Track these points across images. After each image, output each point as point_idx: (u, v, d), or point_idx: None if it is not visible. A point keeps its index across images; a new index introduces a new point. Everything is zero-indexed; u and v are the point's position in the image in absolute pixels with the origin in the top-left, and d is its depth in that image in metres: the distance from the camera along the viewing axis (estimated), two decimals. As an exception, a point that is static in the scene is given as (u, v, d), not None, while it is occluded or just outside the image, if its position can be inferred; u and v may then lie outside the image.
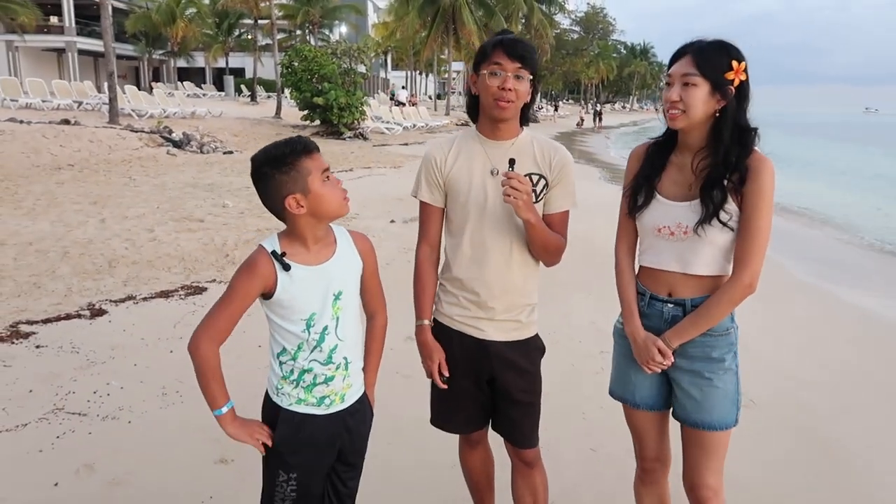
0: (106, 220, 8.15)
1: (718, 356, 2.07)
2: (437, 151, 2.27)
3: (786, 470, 3.35)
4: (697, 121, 1.98)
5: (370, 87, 46.86)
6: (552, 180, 2.19)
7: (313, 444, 1.89)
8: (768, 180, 1.96)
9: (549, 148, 2.22)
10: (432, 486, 3.07)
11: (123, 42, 40.37)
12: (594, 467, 3.29)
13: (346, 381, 1.91)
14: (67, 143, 13.97)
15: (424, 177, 2.28)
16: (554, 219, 2.22)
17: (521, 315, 2.26)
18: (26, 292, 5.44)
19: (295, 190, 1.75)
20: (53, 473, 3.05)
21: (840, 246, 10.22)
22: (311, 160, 1.76)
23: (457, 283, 2.26)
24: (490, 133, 2.21)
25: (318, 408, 1.89)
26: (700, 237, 1.99)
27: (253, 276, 1.78)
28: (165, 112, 22.05)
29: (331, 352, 1.86)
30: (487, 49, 2.11)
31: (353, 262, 1.92)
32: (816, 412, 4.04)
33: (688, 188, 2.05)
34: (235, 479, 3.06)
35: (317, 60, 21.85)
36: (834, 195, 16.11)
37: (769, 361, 4.74)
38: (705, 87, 1.94)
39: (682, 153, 2.09)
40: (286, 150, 1.75)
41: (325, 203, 1.77)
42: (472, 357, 2.26)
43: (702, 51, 1.97)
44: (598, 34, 79.63)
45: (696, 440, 2.13)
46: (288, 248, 1.82)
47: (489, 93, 2.09)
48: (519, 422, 2.33)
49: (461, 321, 2.26)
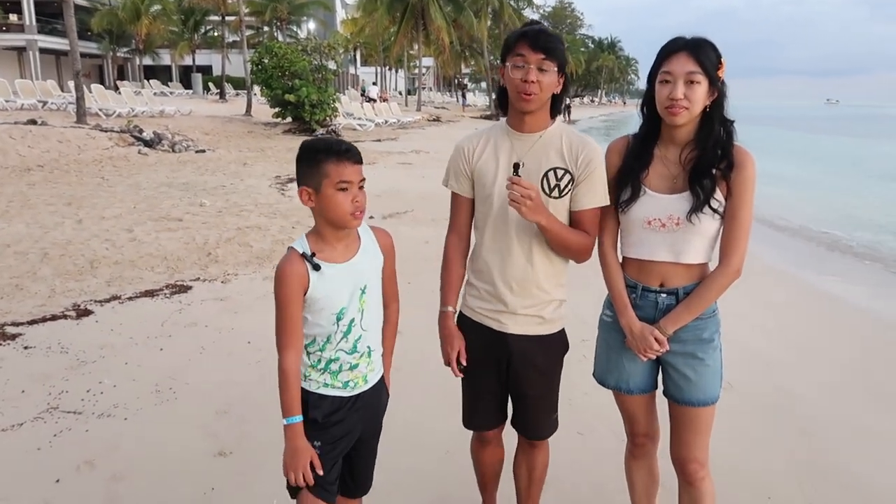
0: (83, 220, 8.08)
1: (709, 336, 2.20)
2: (467, 143, 2.29)
3: (762, 449, 3.52)
4: (695, 116, 2.09)
5: (340, 83, 46.62)
6: (578, 176, 2.15)
7: (339, 423, 1.98)
8: (752, 172, 2.10)
9: (578, 142, 2.18)
10: (428, 473, 3.16)
11: (86, 40, 39.52)
12: (582, 450, 3.42)
13: (369, 367, 2.03)
14: (35, 143, 13.72)
15: (453, 167, 2.30)
16: (581, 216, 2.18)
17: (545, 311, 2.25)
18: (8, 294, 5.40)
19: (309, 184, 1.86)
20: (54, 471, 3.08)
21: (812, 234, 10.54)
22: (335, 166, 1.83)
23: (479, 274, 2.28)
24: (517, 125, 2.20)
25: (344, 390, 1.99)
26: (694, 225, 2.10)
27: (290, 280, 1.86)
28: (133, 111, 21.73)
29: (356, 342, 1.97)
30: (511, 41, 2.10)
31: (376, 258, 2.02)
32: (791, 393, 4.22)
33: (673, 180, 2.15)
34: (235, 471, 3.13)
35: (287, 57, 21.67)
36: (812, 186, 16.53)
37: (744, 346, 4.93)
38: (705, 84, 2.04)
39: (667, 146, 2.18)
40: (321, 147, 1.85)
41: (329, 209, 1.86)
42: (492, 350, 2.28)
43: (700, 48, 2.05)
44: (566, 28, 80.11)
45: (687, 417, 2.25)
46: (316, 247, 1.90)
47: (513, 85, 2.09)
48: (531, 415, 2.36)
49: (482, 313, 2.29)
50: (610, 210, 2.24)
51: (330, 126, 22.75)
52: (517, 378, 2.31)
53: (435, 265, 2.53)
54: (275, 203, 9.76)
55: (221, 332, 4.82)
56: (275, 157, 15.97)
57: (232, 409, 3.70)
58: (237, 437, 3.42)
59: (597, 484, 3.11)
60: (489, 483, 2.60)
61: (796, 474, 3.27)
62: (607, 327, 2.36)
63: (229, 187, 11.05)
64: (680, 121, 2.08)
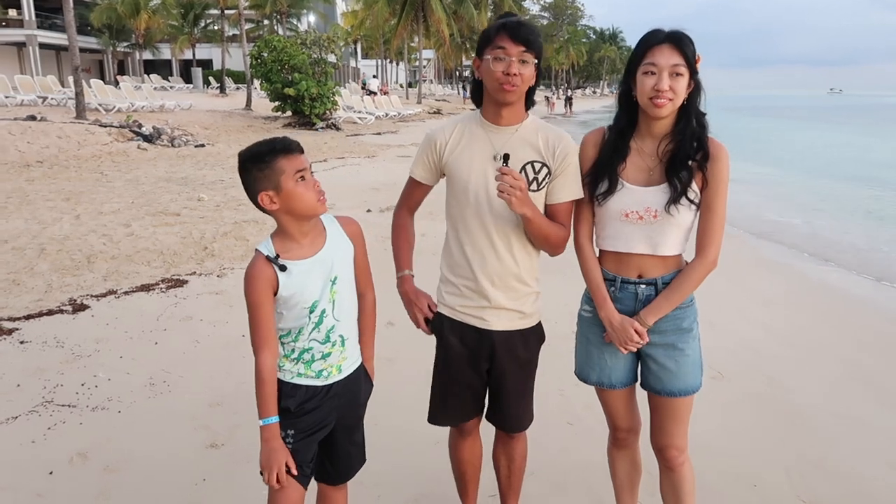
0: (80, 216, 8.11)
1: (687, 326, 2.22)
2: (440, 135, 2.25)
3: (751, 437, 3.54)
4: (676, 108, 2.10)
5: (341, 76, 46.60)
6: (555, 170, 2.16)
7: (313, 412, 2.01)
8: (726, 164, 2.12)
9: (554, 137, 2.19)
10: (417, 463, 3.20)
11: (86, 35, 39.55)
12: (571, 439, 3.45)
13: (342, 356, 2.05)
14: (35, 139, 13.76)
15: (422, 157, 2.29)
16: (557, 209, 2.20)
17: (525, 304, 2.26)
18: (6, 289, 5.44)
19: (268, 187, 1.87)
20: (48, 462, 3.12)
21: (809, 223, 10.53)
22: (286, 160, 1.85)
23: (457, 270, 2.26)
24: (494, 118, 2.18)
25: (318, 379, 2.02)
26: (672, 216, 2.11)
27: (258, 284, 1.89)
28: (133, 106, 21.77)
29: (328, 332, 2.00)
30: (491, 33, 2.07)
31: (344, 247, 2.04)
32: (780, 382, 4.25)
33: (649, 173, 2.16)
34: (227, 462, 3.16)
35: (287, 51, 21.65)
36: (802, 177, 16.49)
37: (734, 335, 4.95)
38: (687, 76, 2.06)
39: (644, 139, 2.19)
40: (265, 149, 1.86)
41: (296, 202, 1.88)
42: (473, 347, 2.28)
43: (682, 41, 2.06)
44: (567, 20, 79.81)
45: (667, 407, 2.27)
46: (281, 246, 1.93)
47: (493, 78, 2.06)
48: (513, 410, 2.37)
49: (463, 311, 2.27)
50: (585, 203, 2.25)
51: (330, 119, 22.75)
52: (499, 373, 2.31)
53: (431, 259, 2.55)
54: (273, 197, 9.77)
55: (216, 326, 4.85)
56: (274, 151, 15.95)
57: (225, 401, 3.73)
58: (229, 428, 3.46)
59: (584, 472, 3.13)
60: (469, 484, 2.58)
61: (784, 463, 3.29)
62: (586, 322, 2.36)
63: (228, 181, 11.07)
64: (664, 112, 2.08)
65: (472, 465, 2.55)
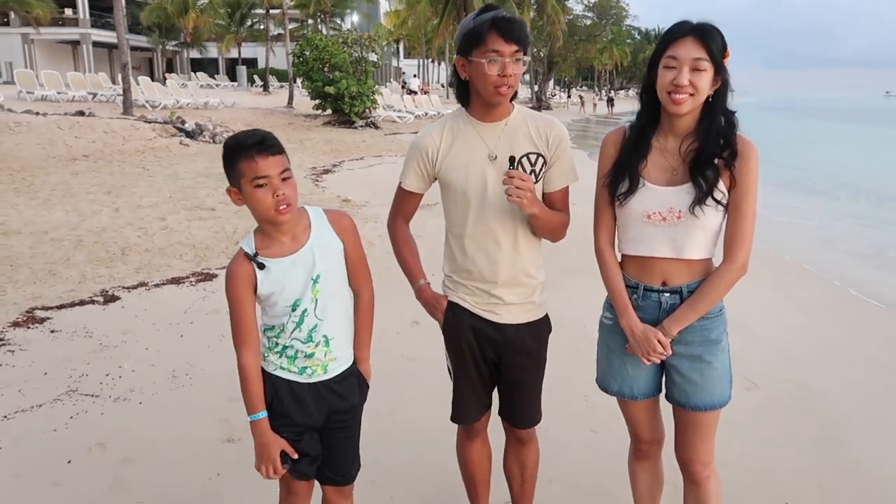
0: (119, 209, 8.28)
1: (716, 337, 2.09)
2: (429, 141, 2.17)
3: (781, 450, 3.38)
4: (698, 105, 1.98)
5: (382, 75, 46.85)
6: (550, 158, 2.13)
7: (296, 407, 1.96)
8: (756, 163, 1.99)
9: (544, 124, 2.15)
10: (435, 463, 3.13)
11: (137, 34, 40.61)
12: (594, 447, 3.35)
13: (327, 356, 1.98)
14: (82, 134, 14.13)
15: (413, 166, 2.22)
16: (555, 196, 2.18)
17: (534, 296, 2.24)
18: (41, 279, 5.56)
19: (233, 183, 1.83)
20: (67, 451, 3.15)
21: (848, 229, 10.15)
22: (246, 163, 1.77)
23: (465, 274, 2.21)
24: (483, 115, 2.13)
25: (301, 376, 1.97)
26: (697, 218, 1.99)
27: (237, 281, 1.86)
28: (179, 103, 22.22)
29: (310, 331, 1.93)
30: (482, 32, 1.97)
31: (330, 244, 1.96)
32: (815, 393, 4.06)
33: (672, 172, 2.04)
34: (242, 458, 3.13)
35: (328, 50, 21.87)
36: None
37: (769, 344, 4.76)
38: (711, 71, 1.93)
39: (666, 137, 2.07)
40: (231, 145, 1.81)
41: (252, 208, 1.82)
42: (485, 339, 2.24)
43: (707, 34, 1.93)
44: (611, 20, 78.68)
45: (692, 421, 2.15)
46: (262, 243, 1.88)
47: (488, 81, 1.99)
48: (523, 403, 2.32)
49: (477, 305, 2.23)
50: (606, 206, 2.16)
51: (369, 118, 22.89)
52: (511, 367, 2.27)
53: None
54: (308, 194, 9.83)
55: (224, 326, 4.85)
56: (312, 148, 16.12)
57: (244, 396, 3.72)
58: (246, 424, 3.39)
59: (605, 481, 3.03)
60: (479, 488, 2.50)
61: (816, 477, 3.13)
62: (608, 330, 2.25)
63: (265, 178, 11.17)
64: (683, 109, 1.95)
65: (482, 467, 2.48)
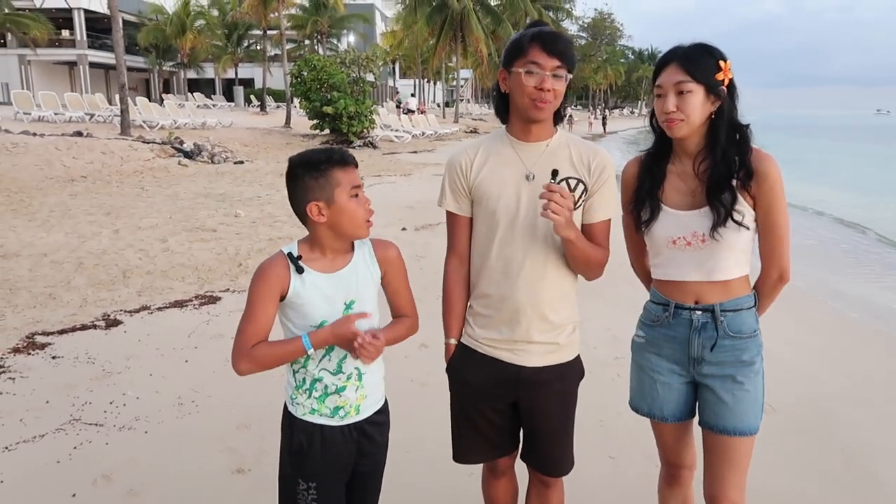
0: (119, 230, 8.20)
1: (749, 359, 2.05)
2: (462, 156, 2.09)
3: (805, 478, 3.30)
4: (696, 126, 1.98)
5: (379, 95, 47.03)
6: (592, 186, 2.01)
7: (329, 454, 1.87)
8: (778, 176, 1.98)
9: (587, 150, 2.05)
10: (450, 493, 3.04)
11: (134, 54, 40.73)
12: (613, 474, 3.25)
13: (359, 392, 1.89)
14: (80, 154, 14.08)
15: (449, 184, 2.12)
16: (595, 229, 2.04)
17: (560, 336, 2.07)
18: (42, 303, 5.46)
19: (320, 197, 1.75)
20: (71, 484, 3.04)
21: (866, 251, 10.13)
22: (343, 172, 1.76)
23: (484, 300, 2.08)
24: (522, 135, 2.04)
25: (333, 419, 1.87)
26: (718, 241, 1.97)
27: (268, 278, 1.77)
28: (176, 123, 22.20)
29: (340, 361, 1.85)
30: (524, 44, 1.91)
31: (369, 272, 1.89)
32: (838, 419, 3.98)
33: (692, 195, 2.03)
34: (252, 489, 3.05)
35: (326, 70, 21.96)
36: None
37: (788, 366, 4.69)
38: (700, 92, 1.93)
39: (681, 160, 2.07)
40: (322, 157, 1.76)
41: (346, 218, 1.77)
42: (499, 384, 2.10)
43: (688, 56, 1.95)
44: (605, 40, 79.47)
45: (723, 448, 2.09)
46: (305, 252, 1.82)
47: (525, 93, 1.92)
48: (548, 452, 2.17)
49: (490, 345, 2.09)
50: (634, 233, 2.20)
51: (367, 137, 22.92)
52: (531, 412, 2.12)
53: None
54: (308, 214, 9.77)
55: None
56: (311, 168, 16.08)
57: (252, 423, 3.62)
58: (256, 453, 3.35)
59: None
60: None
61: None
62: (639, 349, 2.23)
63: (265, 198, 11.13)
64: (679, 133, 1.98)
65: None
